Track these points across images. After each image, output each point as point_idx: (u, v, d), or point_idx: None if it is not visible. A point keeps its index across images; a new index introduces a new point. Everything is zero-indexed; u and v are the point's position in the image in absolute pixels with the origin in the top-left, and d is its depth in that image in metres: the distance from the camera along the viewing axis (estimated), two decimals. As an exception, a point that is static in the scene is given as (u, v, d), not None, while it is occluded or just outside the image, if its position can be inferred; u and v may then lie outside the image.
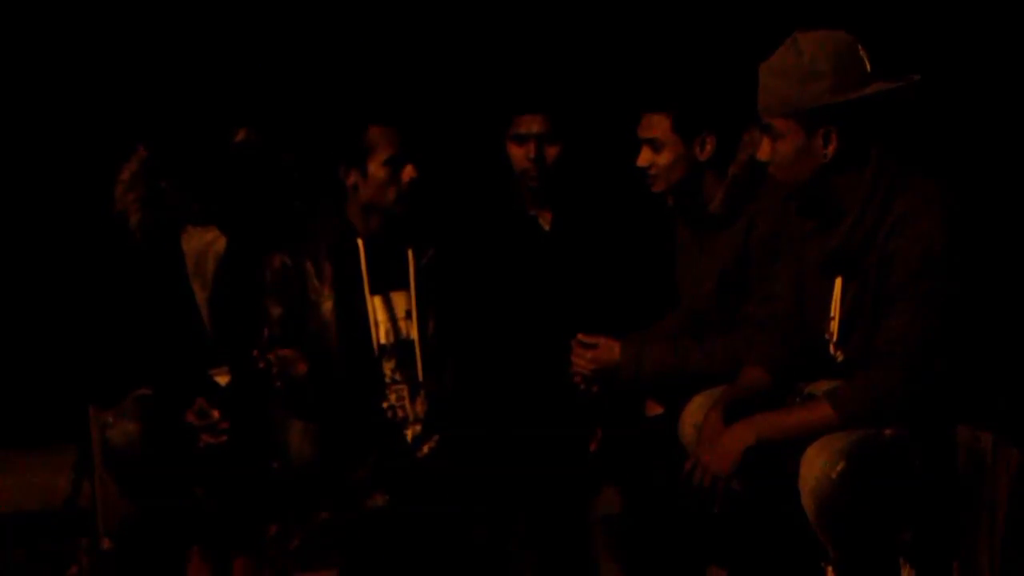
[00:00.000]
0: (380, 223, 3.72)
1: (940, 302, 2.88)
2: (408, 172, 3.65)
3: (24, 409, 4.59)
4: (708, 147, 3.50)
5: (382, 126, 3.67)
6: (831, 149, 2.98)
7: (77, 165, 4.45)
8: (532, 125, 3.87)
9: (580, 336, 3.60)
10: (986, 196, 3.54)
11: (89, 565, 4.02)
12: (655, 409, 3.66)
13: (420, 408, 3.71)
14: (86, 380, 3.95)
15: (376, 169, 3.67)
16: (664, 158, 3.51)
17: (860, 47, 3.01)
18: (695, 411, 3.25)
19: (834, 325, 3.06)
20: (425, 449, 3.70)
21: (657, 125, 3.50)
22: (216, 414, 3.65)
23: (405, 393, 3.72)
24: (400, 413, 3.72)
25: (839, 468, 2.83)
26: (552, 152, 3.88)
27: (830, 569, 2.95)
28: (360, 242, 3.72)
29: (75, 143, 4.58)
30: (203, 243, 3.86)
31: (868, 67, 3.00)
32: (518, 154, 3.90)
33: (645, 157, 3.53)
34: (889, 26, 4.13)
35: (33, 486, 4.38)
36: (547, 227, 3.97)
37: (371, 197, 3.69)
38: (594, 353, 3.58)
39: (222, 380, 3.80)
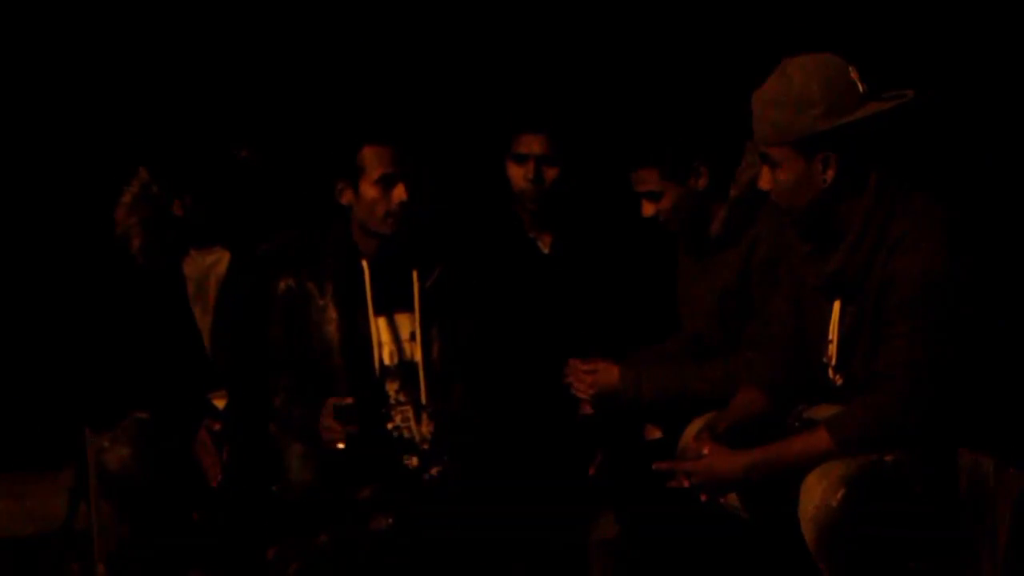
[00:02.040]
0: (377, 244, 3.70)
1: (940, 325, 2.85)
2: (398, 192, 3.62)
3: (21, 432, 4.57)
4: (703, 177, 3.49)
5: (375, 145, 3.64)
6: (831, 174, 2.95)
7: (78, 187, 4.44)
8: (532, 145, 3.85)
9: (577, 362, 3.58)
10: (987, 212, 3.52)
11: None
12: (654, 433, 3.64)
13: (425, 429, 3.70)
14: (82, 403, 3.93)
15: (367, 188, 3.63)
16: (666, 204, 3.49)
17: (851, 69, 2.98)
18: (694, 435, 3.23)
19: (832, 348, 3.04)
20: (433, 472, 3.67)
21: (648, 179, 3.49)
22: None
23: (410, 414, 3.70)
24: (406, 434, 3.71)
25: (839, 495, 2.81)
26: (551, 174, 3.86)
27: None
28: (364, 263, 3.70)
29: (77, 165, 4.56)
30: (204, 267, 3.85)
31: (861, 88, 2.97)
32: (517, 174, 3.88)
33: (648, 209, 3.52)
34: (881, 42, 4.11)
35: (30, 510, 4.37)
36: (546, 250, 3.95)
37: (363, 217, 3.67)
38: (593, 377, 3.56)
39: (220, 404, 3.80)
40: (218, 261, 3.85)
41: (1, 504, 4.45)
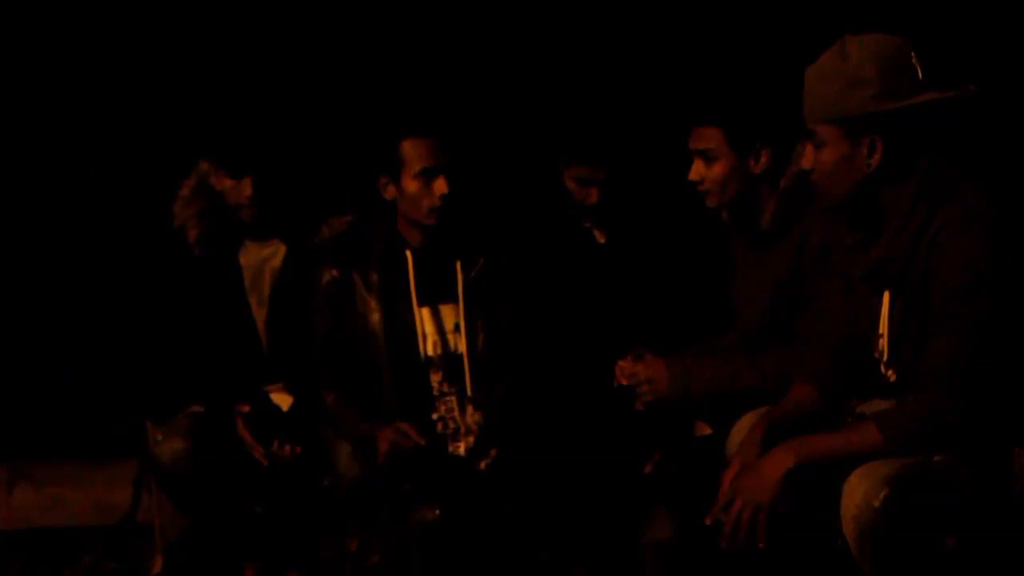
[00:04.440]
0: (422, 236, 3.70)
1: (987, 322, 2.72)
2: (439, 185, 3.62)
3: (87, 423, 4.62)
4: (764, 159, 3.38)
5: (414, 138, 3.64)
6: (875, 160, 2.83)
7: (136, 180, 4.48)
8: (594, 173, 3.82)
9: (621, 363, 3.51)
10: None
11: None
12: (704, 429, 3.57)
13: (470, 419, 3.67)
14: (142, 395, 3.96)
15: (408, 182, 3.64)
16: (717, 171, 3.39)
17: (913, 52, 2.85)
18: (744, 430, 3.14)
19: (883, 343, 2.93)
20: (483, 464, 3.64)
21: (709, 137, 3.38)
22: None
23: (454, 404, 3.69)
24: (450, 425, 3.69)
25: (882, 496, 2.69)
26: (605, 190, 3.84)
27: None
28: (408, 253, 3.69)
29: (133, 158, 4.61)
30: (260, 258, 3.87)
31: (920, 74, 2.84)
32: (577, 191, 3.85)
33: (697, 170, 3.40)
34: (952, 30, 3.99)
35: (94, 500, 4.41)
36: (602, 239, 3.90)
37: (406, 210, 3.68)
38: (637, 369, 3.48)
39: (277, 397, 3.80)
40: (274, 254, 3.86)
41: (66, 493, 4.50)
